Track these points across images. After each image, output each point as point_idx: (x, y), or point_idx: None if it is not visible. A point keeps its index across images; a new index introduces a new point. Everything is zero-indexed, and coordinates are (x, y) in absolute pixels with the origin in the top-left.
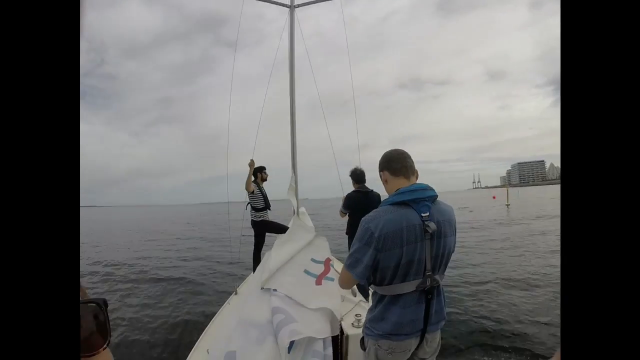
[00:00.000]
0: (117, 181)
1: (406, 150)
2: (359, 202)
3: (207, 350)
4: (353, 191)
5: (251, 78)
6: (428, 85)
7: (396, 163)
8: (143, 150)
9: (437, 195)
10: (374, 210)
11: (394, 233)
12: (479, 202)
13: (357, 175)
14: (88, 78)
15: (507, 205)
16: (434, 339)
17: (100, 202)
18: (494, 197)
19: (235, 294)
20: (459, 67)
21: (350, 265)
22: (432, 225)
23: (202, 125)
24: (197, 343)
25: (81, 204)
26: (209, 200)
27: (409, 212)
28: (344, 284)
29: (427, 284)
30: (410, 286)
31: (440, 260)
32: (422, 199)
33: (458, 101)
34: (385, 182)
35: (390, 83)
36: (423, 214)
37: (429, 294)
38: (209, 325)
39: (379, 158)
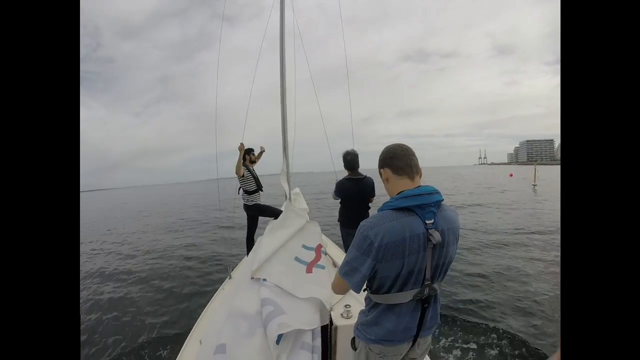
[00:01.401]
0: (121, 163)
1: (413, 123)
2: (351, 191)
3: (200, 341)
4: (344, 178)
5: (252, 52)
6: (434, 57)
7: (400, 161)
8: (145, 131)
9: (442, 200)
10: (374, 215)
11: (395, 243)
12: (498, 181)
13: (348, 162)
14: (85, 63)
15: (534, 185)
16: (425, 342)
17: (105, 185)
18: (510, 175)
19: (230, 278)
20: (466, 40)
21: (346, 273)
22: (437, 236)
23: (204, 101)
24: (191, 331)
25: (86, 188)
26: (215, 176)
27: (412, 219)
28: (338, 290)
29: (425, 293)
30: (407, 296)
31: (441, 269)
32: (427, 205)
33: (465, 75)
34: (385, 180)
35: (394, 55)
36: (427, 221)
37: (426, 302)
38: (203, 312)
39: (384, 131)
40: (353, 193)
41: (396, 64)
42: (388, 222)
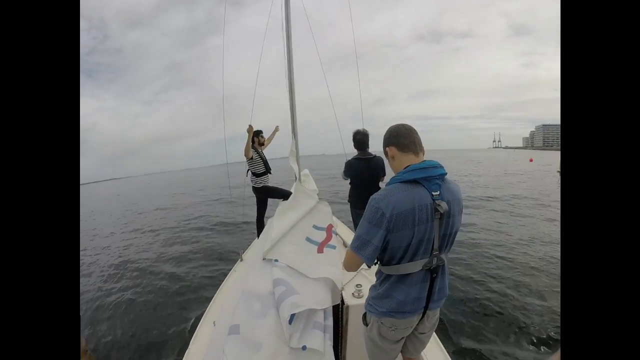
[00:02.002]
0: (136, 151)
1: (427, 105)
2: (360, 170)
3: (214, 323)
4: (353, 158)
5: (263, 34)
6: (448, 37)
7: (404, 138)
8: (157, 118)
9: (446, 173)
10: (383, 188)
11: (405, 213)
12: (519, 167)
13: (358, 142)
14: (92, 55)
15: (559, 172)
16: (434, 315)
17: (119, 175)
18: (530, 160)
19: (241, 260)
20: (481, 19)
21: (358, 247)
22: (444, 205)
23: (216, 85)
24: (205, 314)
25: (99, 178)
26: (232, 160)
27: (420, 190)
28: (350, 267)
29: (434, 263)
30: (417, 265)
31: (448, 239)
32: (433, 177)
33: (480, 56)
34: (392, 158)
35: (407, 35)
36: (434, 193)
37: (434, 272)
38: (216, 294)
39: (398, 112)
40: (362, 172)
41: (409, 44)
42: (398, 194)
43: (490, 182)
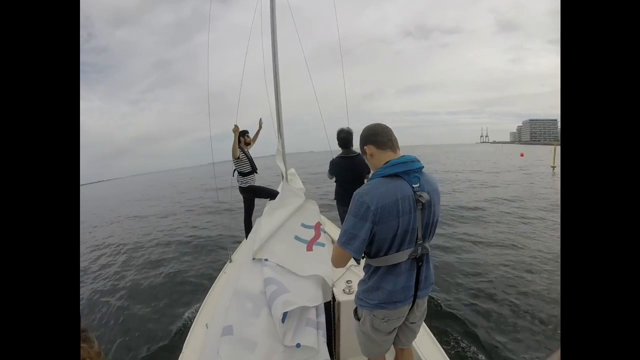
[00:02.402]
0: (123, 152)
1: (415, 100)
2: (344, 169)
3: (206, 325)
4: (337, 157)
5: (252, 29)
6: (435, 33)
7: (382, 137)
8: (145, 117)
9: (423, 167)
10: (366, 183)
11: (389, 205)
12: (512, 162)
13: (342, 140)
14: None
15: (553, 167)
16: (423, 304)
17: (107, 176)
18: (521, 155)
19: (230, 261)
20: (469, 15)
21: (345, 242)
22: (426, 196)
23: (203, 83)
24: (197, 316)
25: (86, 181)
26: (221, 159)
27: (401, 183)
28: (338, 262)
29: (419, 251)
30: (403, 255)
31: (430, 228)
32: (412, 171)
33: (468, 52)
34: (370, 156)
35: (395, 30)
36: (414, 185)
37: (420, 261)
38: (207, 296)
39: (386, 108)
40: (347, 171)
41: (397, 39)
42: (380, 187)
43: (489, 179)
